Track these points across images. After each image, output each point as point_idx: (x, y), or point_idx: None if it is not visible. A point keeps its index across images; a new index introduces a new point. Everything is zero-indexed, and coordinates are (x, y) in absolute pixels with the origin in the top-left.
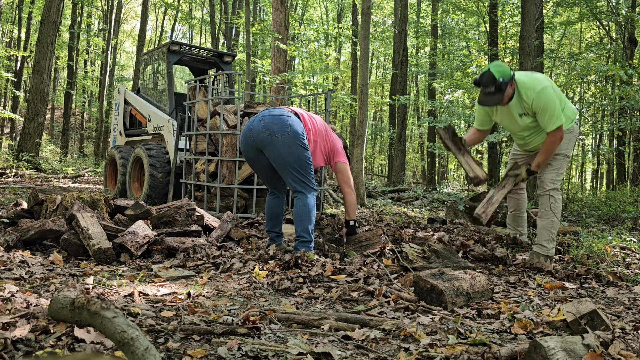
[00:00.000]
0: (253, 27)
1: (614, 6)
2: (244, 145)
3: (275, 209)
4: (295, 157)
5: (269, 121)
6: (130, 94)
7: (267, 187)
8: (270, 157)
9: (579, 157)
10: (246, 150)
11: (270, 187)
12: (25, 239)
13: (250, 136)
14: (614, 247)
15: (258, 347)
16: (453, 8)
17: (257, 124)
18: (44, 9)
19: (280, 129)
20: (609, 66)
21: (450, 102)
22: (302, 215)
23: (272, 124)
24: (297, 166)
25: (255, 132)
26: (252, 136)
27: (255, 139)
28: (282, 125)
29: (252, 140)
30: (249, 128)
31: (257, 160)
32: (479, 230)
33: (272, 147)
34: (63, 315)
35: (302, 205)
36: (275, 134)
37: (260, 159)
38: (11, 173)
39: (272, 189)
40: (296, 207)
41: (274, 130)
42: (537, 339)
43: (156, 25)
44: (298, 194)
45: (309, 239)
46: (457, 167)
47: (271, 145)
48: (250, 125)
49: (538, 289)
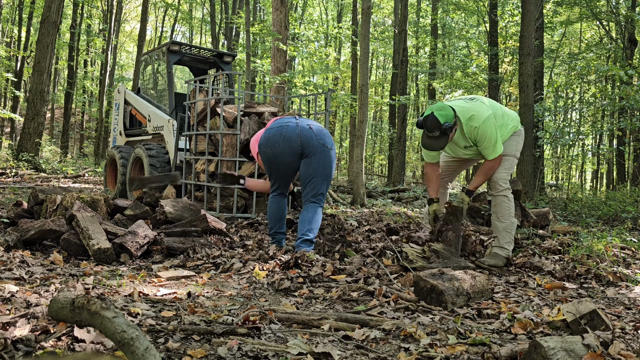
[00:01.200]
0: (253, 27)
1: (614, 6)
2: (283, 148)
3: (283, 210)
4: (332, 171)
5: (319, 132)
6: (130, 94)
7: (277, 188)
8: (313, 165)
9: (579, 157)
10: (283, 153)
11: (282, 188)
12: (25, 239)
13: (297, 140)
14: (614, 247)
15: (258, 347)
16: (453, 8)
17: (307, 130)
18: (44, 9)
19: (331, 143)
20: (609, 66)
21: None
22: (317, 221)
23: (324, 135)
24: (330, 180)
25: (306, 137)
26: (301, 141)
27: (305, 144)
28: (331, 140)
29: (298, 144)
30: (294, 131)
31: (290, 164)
32: (479, 230)
33: (321, 156)
34: (63, 315)
35: (319, 212)
36: (328, 145)
37: (294, 164)
38: (11, 173)
39: (284, 189)
40: (314, 212)
41: (327, 142)
42: (537, 339)
43: (156, 26)
44: (319, 203)
45: (313, 240)
46: None
47: (321, 155)
48: (296, 130)
49: (538, 289)
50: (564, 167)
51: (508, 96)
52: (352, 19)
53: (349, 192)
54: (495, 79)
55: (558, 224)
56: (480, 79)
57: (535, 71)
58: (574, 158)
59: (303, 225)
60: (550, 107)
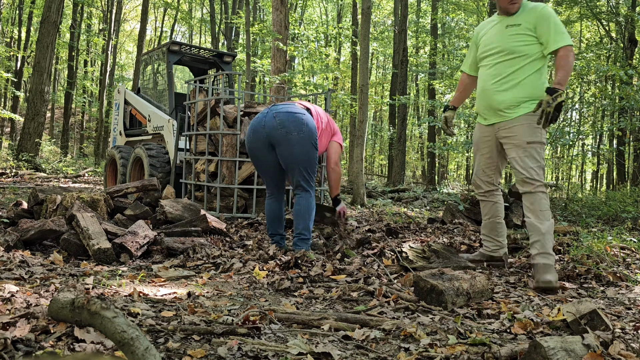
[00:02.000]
0: (253, 27)
1: (614, 6)
2: (252, 141)
3: (277, 212)
4: (306, 157)
5: (284, 118)
6: (130, 94)
7: (267, 188)
8: (282, 154)
9: (579, 157)
10: (255, 147)
11: (272, 187)
12: (25, 239)
13: (263, 131)
14: (613, 247)
15: (258, 347)
16: (453, 7)
17: (270, 119)
18: (44, 9)
19: (297, 128)
20: (609, 66)
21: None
22: (305, 213)
23: (288, 121)
24: (307, 165)
25: (269, 127)
26: (265, 132)
27: (269, 134)
28: (298, 124)
29: (264, 135)
30: (260, 123)
31: (264, 157)
32: (478, 230)
33: (286, 144)
34: (63, 315)
35: (305, 203)
36: (292, 132)
37: (269, 156)
38: (11, 173)
39: (274, 189)
40: (298, 205)
41: (290, 129)
42: (537, 339)
43: (156, 26)
44: (302, 192)
45: (308, 237)
46: (457, 167)
47: (286, 143)
48: (262, 121)
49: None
50: (564, 167)
51: None
52: (352, 19)
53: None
54: None
55: (558, 224)
56: None
57: None
58: (574, 158)
59: (296, 223)
60: None
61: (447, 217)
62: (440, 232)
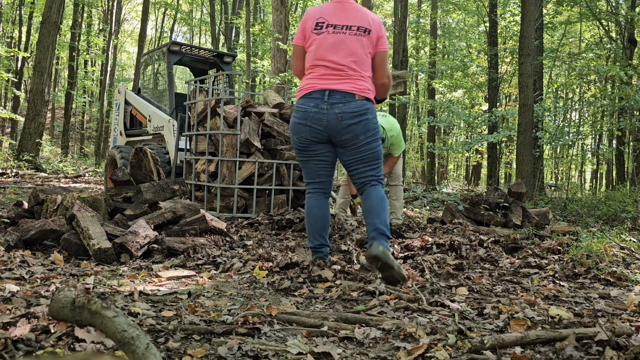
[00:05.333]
0: (253, 27)
1: (614, 6)
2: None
3: (327, 213)
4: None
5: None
6: (130, 94)
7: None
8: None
9: (578, 157)
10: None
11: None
12: (25, 238)
13: (324, 132)
14: (613, 247)
15: (258, 346)
16: (453, 7)
17: (333, 119)
18: (44, 9)
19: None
20: (609, 66)
21: (450, 102)
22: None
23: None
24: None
25: (331, 130)
26: (327, 132)
27: (331, 136)
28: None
29: (325, 135)
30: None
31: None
32: (478, 230)
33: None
34: (63, 315)
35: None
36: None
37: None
38: (11, 173)
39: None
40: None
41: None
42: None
43: (156, 26)
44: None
45: (389, 234)
46: (457, 167)
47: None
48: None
49: (537, 288)
50: (563, 167)
51: (508, 96)
52: None
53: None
54: (495, 79)
55: (557, 224)
56: (481, 79)
57: (535, 71)
58: (573, 158)
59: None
60: (550, 107)
61: (446, 217)
62: (440, 232)
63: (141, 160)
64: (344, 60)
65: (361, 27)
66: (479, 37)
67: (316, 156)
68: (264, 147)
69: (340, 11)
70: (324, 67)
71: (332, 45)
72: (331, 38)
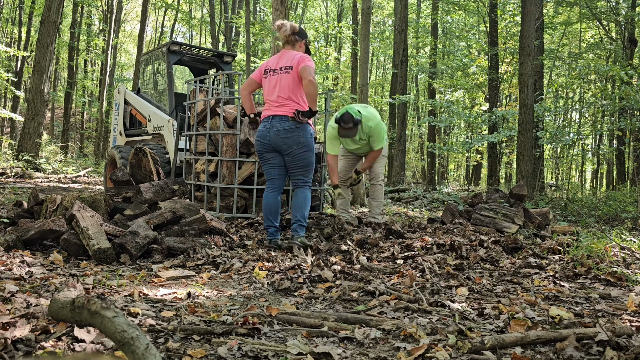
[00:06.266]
0: (253, 27)
1: (614, 6)
2: (260, 147)
3: (277, 205)
4: (307, 162)
5: (285, 136)
6: (130, 94)
7: (271, 182)
8: (286, 160)
9: (579, 157)
10: (263, 150)
11: (275, 182)
12: (25, 239)
13: (269, 145)
14: (613, 247)
15: (258, 347)
16: (453, 8)
17: (274, 137)
18: (44, 9)
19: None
20: (609, 66)
21: (450, 102)
22: (303, 203)
23: (288, 138)
24: (308, 167)
25: (274, 143)
26: (271, 145)
27: (275, 147)
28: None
29: (271, 147)
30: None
31: (273, 158)
32: (478, 230)
33: (289, 155)
34: (63, 315)
35: (303, 195)
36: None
37: (276, 157)
38: (11, 173)
39: (277, 183)
40: (297, 197)
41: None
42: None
43: (156, 26)
44: (302, 186)
45: (305, 224)
46: (457, 167)
47: (289, 154)
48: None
49: (537, 288)
50: (564, 167)
51: (508, 96)
52: (352, 19)
53: None
54: (495, 79)
55: (558, 224)
56: (481, 79)
57: (535, 71)
58: (574, 158)
59: (295, 211)
60: (550, 107)
61: (446, 217)
62: (441, 232)
63: (141, 160)
64: (280, 94)
65: (287, 66)
66: (479, 37)
67: (268, 161)
68: None
69: (278, 58)
70: (268, 103)
71: (272, 86)
72: (272, 80)
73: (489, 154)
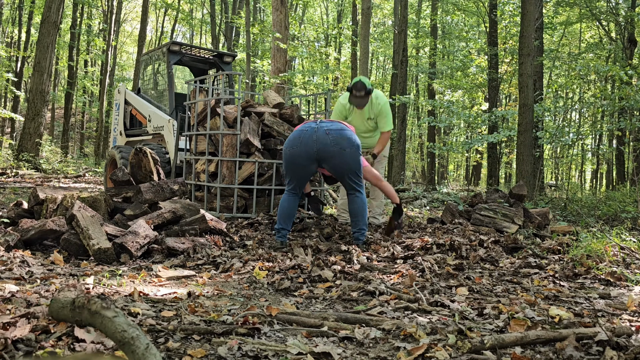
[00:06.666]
0: (253, 27)
1: (613, 6)
2: (298, 151)
3: (294, 209)
4: (357, 166)
5: (337, 136)
6: (130, 94)
7: (292, 187)
8: (335, 166)
9: (578, 157)
10: (298, 155)
11: (298, 188)
12: (25, 238)
13: (314, 145)
14: (613, 247)
15: (258, 347)
16: (453, 8)
17: (323, 136)
18: (44, 9)
19: (349, 144)
20: (609, 66)
21: (450, 102)
22: (362, 210)
23: (341, 138)
24: (358, 172)
25: (322, 143)
26: (317, 146)
27: (321, 149)
28: (349, 141)
29: (314, 149)
30: (310, 137)
31: (306, 166)
32: (478, 230)
33: (340, 158)
34: (63, 315)
35: (361, 201)
36: (345, 148)
37: (310, 166)
38: (11, 173)
39: (298, 189)
40: (355, 203)
41: (344, 145)
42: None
43: (156, 26)
44: (357, 193)
45: (366, 229)
46: (457, 167)
47: (340, 157)
48: (313, 135)
49: (537, 288)
50: (563, 167)
51: (508, 96)
52: (352, 19)
53: None
54: (495, 79)
55: (558, 224)
56: (480, 79)
57: (535, 71)
58: (573, 158)
59: (356, 220)
60: (550, 107)
61: (446, 217)
62: (440, 232)
63: (141, 160)
64: None
65: None
66: (479, 37)
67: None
68: (264, 147)
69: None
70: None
71: None
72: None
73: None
